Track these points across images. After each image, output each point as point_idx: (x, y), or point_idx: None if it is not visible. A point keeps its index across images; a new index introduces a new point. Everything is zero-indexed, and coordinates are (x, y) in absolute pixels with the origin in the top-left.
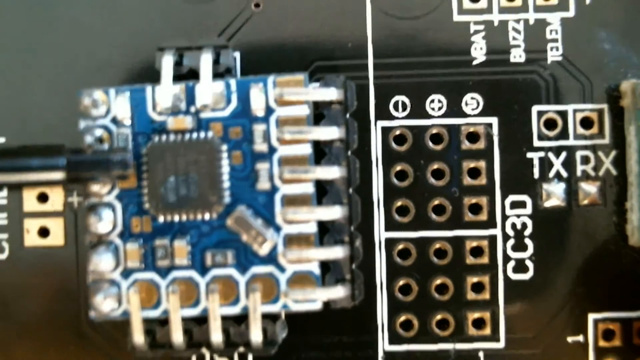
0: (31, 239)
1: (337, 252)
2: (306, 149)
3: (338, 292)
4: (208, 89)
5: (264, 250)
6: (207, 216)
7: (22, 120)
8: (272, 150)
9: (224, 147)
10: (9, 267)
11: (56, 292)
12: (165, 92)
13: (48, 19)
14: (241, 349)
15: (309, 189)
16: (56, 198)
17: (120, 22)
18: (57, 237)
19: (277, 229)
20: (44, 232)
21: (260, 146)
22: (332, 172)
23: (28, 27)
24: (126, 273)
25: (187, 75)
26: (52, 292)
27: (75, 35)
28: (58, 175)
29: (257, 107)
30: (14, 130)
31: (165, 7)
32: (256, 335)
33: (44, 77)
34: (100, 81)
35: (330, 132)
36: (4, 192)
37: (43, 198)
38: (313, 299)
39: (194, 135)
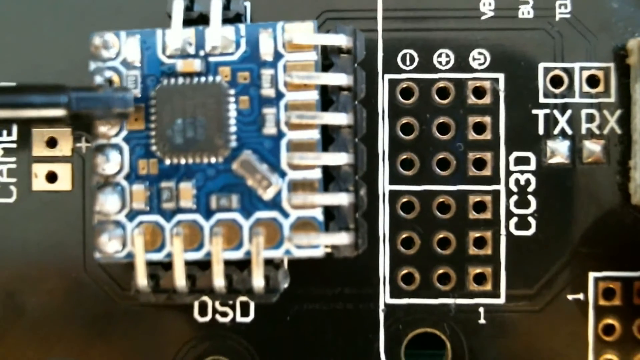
0: (39, 183)
1: (341, 199)
2: (313, 95)
3: (342, 239)
4: (218, 33)
5: (268, 194)
6: (213, 160)
7: (33, 66)
8: (279, 95)
9: (232, 91)
10: (16, 211)
11: (62, 236)
12: (175, 35)
13: None
14: (243, 298)
15: (315, 135)
16: (64, 143)
17: None
18: (64, 182)
19: (282, 174)
20: (51, 177)
21: (267, 91)
22: (339, 119)
23: None
24: (131, 215)
25: (197, 20)
26: (58, 236)
27: None
28: (59, 112)
29: (266, 51)
30: (25, 75)
31: None
32: (258, 280)
33: (55, 22)
34: (112, 26)
35: (338, 79)
36: (14, 136)
37: (52, 143)
38: (316, 244)
39: (202, 78)
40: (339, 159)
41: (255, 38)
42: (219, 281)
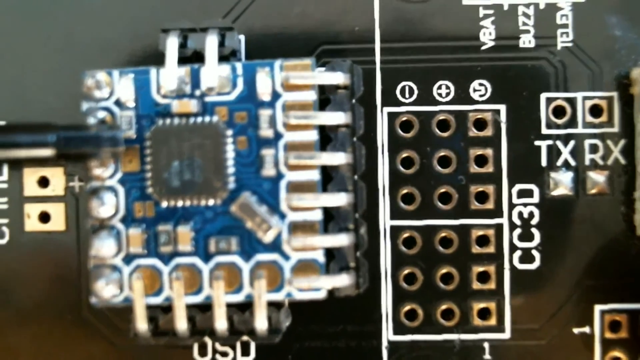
0: (32, 224)
1: (341, 240)
2: (312, 135)
3: (342, 281)
4: (214, 72)
5: (268, 237)
6: (211, 202)
7: (23, 103)
8: (278, 135)
9: (229, 131)
10: (9, 253)
11: (56, 277)
12: (170, 75)
13: (51, 2)
14: (244, 338)
15: (314, 175)
16: (57, 182)
17: (122, 3)
18: (58, 222)
19: (282, 216)
20: (44, 217)
21: (266, 131)
22: (337, 158)
23: (30, 9)
24: (128, 259)
25: (191, 57)
26: (53, 277)
27: (77, 16)
28: (47, 152)
29: (264, 91)
30: (14, 114)
31: None
32: (261, 322)
33: (45, 59)
34: (102, 63)
35: (336, 118)
36: (4, 176)
37: (44, 182)
38: (317, 287)
39: (199, 119)
40: (339, 199)
41: (253, 77)
42: (220, 324)
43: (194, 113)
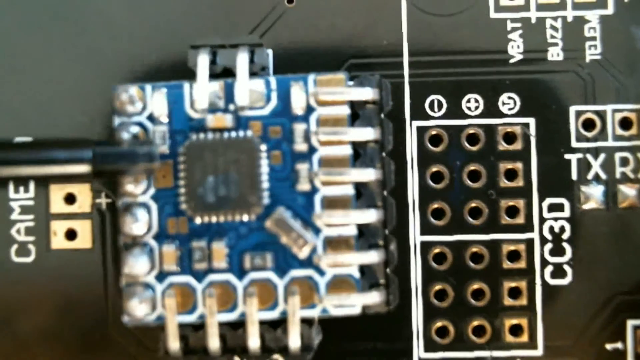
0: (58, 241)
1: (372, 257)
2: (346, 150)
3: (373, 298)
4: (247, 89)
5: (304, 253)
6: (245, 217)
7: (50, 119)
8: (312, 150)
9: (264, 146)
10: (35, 270)
11: (83, 295)
12: (203, 90)
13: (78, 16)
14: (275, 356)
15: (349, 190)
16: (83, 199)
17: (150, 18)
18: (84, 240)
19: (317, 231)
20: (71, 235)
21: (300, 146)
22: (366, 175)
23: (58, 24)
24: (161, 276)
25: (220, 74)
26: (79, 295)
27: (105, 31)
28: (83, 168)
29: (298, 105)
30: (41, 129)
31: (195, 3)
32: (294, 340)
33: (73, 75)
34: (129, 79)
35: (365, 134)
36: (31, 193)
37: (70, 199)
38: (349, 304)
39: (233, 134)
40: (368, 216)
41: (286, 91)
42: (253, 342)
43: (229, 128)
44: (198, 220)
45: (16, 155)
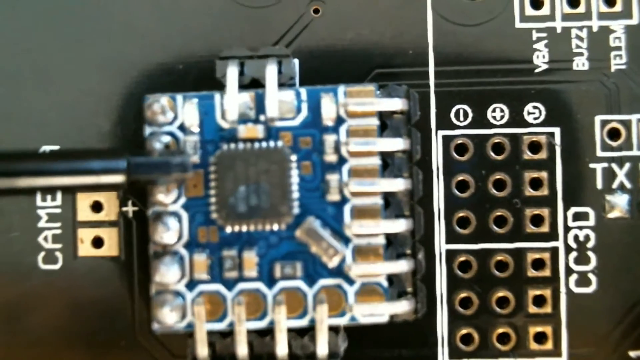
0: (85, 248)
1: (400, 266)
2: (375, 160)
3: (402, 307)
4: (277, 100)
5: (334, 262)
6: (275, 227)
7: (77, 128)
8: (342, 160)
9: (294, 157)
10: (62, 278)
11: (110, 303)
12: (234, 101)
13: (105, 26)
14: None
15: (377, 200)
16: (110, 207)
17: (175, 28)
18: (111, 248)
19: (346, 240)
20: (97, 242)
21: (330, 157)
22: (395, 185)
23: (87, 35)
24: (192, 284)
25: (248, 85)
26: (106, 303)
27: (131, 41)
28: (118, 178)
29: (328, 116)
30: (68, 138)
31: (221, 13)
32: (322, 348)
33: (99, 84)
34: (156, 88)
35: (394, 144)
36: (58, 201)
37: (97, 207)
38: (378, 313)
39: (264, 144)
40: (398, 225)
41: (316, 102)
42: (281, 349)
43: (260, 138)
44: (229, 229)
45: (49, 165)
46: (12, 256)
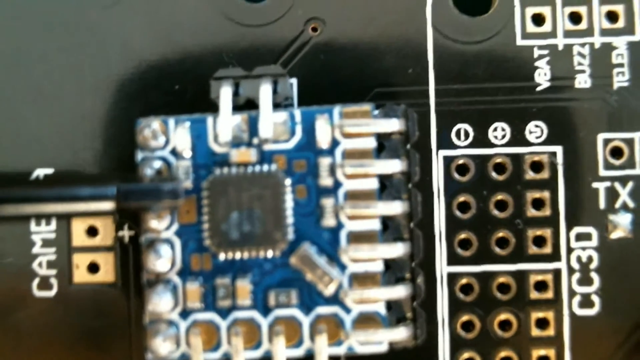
0: (80, 274)
1: (399, 292)
2: (372, 183)
3: (401, 334)
4: (271, 122)
5: (329, 290)
6: (269, 253)
7: (72, 151)
8: (337, 184)
9: (288, 181)
10: (57, 305)
11: (106, 330)
12: (227, 124)
13: (99, 46)
14: None
15: (375, 225)
16: (106, 232)
17: (170, 49)
18: (107, 273)
19: (342, 267)
20: (93, 268)
21: (325, 180)
22: (393, 208)
23: (80, 54)
24: (185, 313)
25: (243, 106)
26: (102, 330)
27: (127, 62)
28: (107, 205)
29: (323, 139)
30: (63, 160)
31: (218, 32)
32: None
33: (94, 106)
34: (152, 109)
35: (392, 166)
36: (52, 226)
37: (92, 232)
38: (376, 340)
39: (257, 168)
40: (395, 250)
41: (311, 124)
42: None
43: (253, 162)
44: (222, 257)
45: (38, 192)
46: (6, 283)
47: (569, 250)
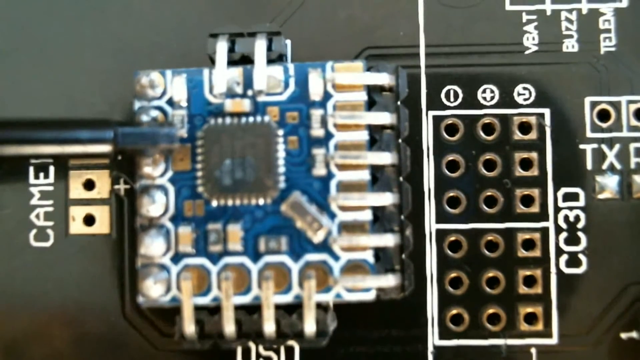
0: (76, 226)
1: (387, 240)
2: (363, 135)
3: (388, 281)
4: (265, 74)
5: (318, 237)
6: (261, 201)
7: (71, 104)
8: (328, 135)
9: (281, 131)
10: (53, 255)
11: (100, 280)
12: (221, 75)
13: (100, 4)
14: (289, 342)
15: (365, 175)
16: (102, 185)
17: (170, 7)
18: (102, 225)
19: (332, 215)
20: (89, 220)
21: (317, 131)
22: (383, 158)
23: (81, 11)
24: (177, 258)
25: (238, 61)
26: (96, 280)
27: (126, 20)
28: (105, 147)
29: (315, 91)
30: (63, 112)
31: None
32: (310, 325)
33: (94, 61)
34: (149, 65)
35: (381, 118)
36: (50, 179)
37: (89, 185)
38: (363, 287)
39: (250, 118)
40: (384, 199)
41: (304, 78)
42: (269, 326)
43: (246, 113)
44: (214, 203)
45: (38, 134)
46: (3, 233)
47: (557, 209)
